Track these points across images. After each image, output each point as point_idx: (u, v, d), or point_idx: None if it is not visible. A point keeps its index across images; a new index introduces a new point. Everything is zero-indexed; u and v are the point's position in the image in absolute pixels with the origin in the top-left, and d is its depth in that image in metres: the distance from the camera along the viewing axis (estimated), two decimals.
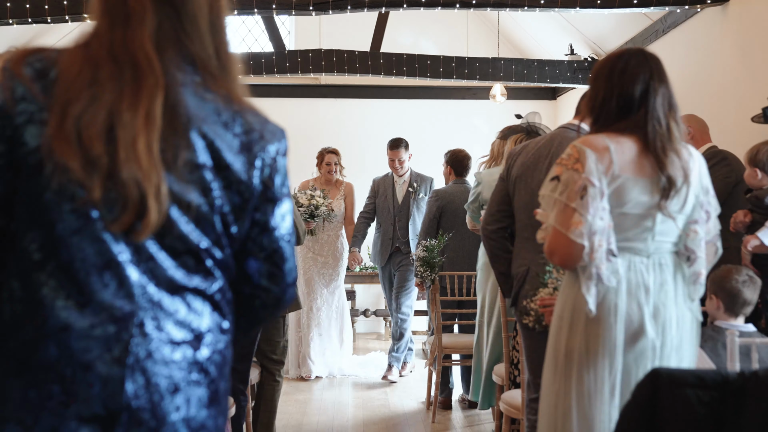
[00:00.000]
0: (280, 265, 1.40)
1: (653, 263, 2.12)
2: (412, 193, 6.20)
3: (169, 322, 1.24)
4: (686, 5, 5.28)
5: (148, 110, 1.21)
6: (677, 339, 2.13)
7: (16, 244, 1.24)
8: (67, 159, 1.18)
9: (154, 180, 1.20)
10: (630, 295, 2.08)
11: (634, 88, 2.11)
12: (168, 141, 1.23)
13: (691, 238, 2.15)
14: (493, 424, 4.90)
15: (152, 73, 1.23)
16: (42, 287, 1.20)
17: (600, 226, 2.02)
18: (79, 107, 1.19)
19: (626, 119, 2.11)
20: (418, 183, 6.20)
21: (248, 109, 1.34)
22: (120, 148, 1.19)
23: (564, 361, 2.12)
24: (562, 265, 2.14)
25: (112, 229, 1.20)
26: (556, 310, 2.21)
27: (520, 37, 8.90)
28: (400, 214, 6.20)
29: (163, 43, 1.27)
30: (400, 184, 6.25)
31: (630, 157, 2.08)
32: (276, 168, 1.35)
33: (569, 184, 2.05)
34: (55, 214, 1.20)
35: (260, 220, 1.36)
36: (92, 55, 1.24)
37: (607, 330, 2.06)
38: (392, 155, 6.19)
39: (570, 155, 2.09)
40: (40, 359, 1.19)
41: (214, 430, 1.30)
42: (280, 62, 7.02)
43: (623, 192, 2.06)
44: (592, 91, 2.20)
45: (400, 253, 6.21)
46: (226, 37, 1.36)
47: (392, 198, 6.24)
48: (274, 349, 4.03)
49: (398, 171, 6.20)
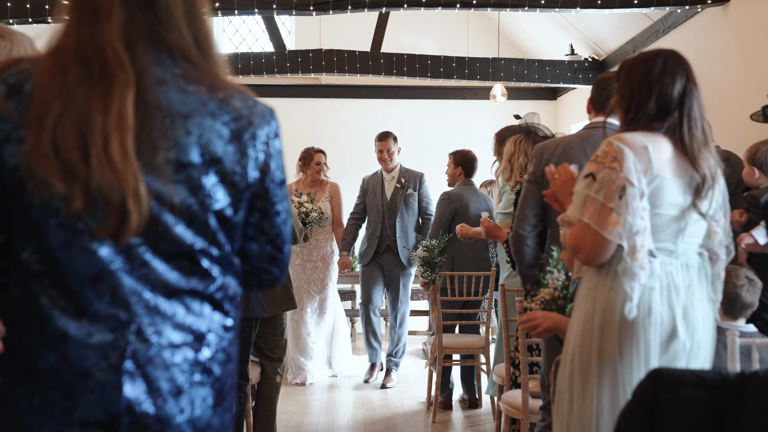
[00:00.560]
0: (281, 247, 1.41)
1: (681, 264, 2.11)
2: (400, 189, 5.99)
3: (168, 326, 1.24)
4: (687, 5, 5.28)
5: (120, 110, 1.18)
6: (704, 339, 2.13)
7: (16, 254, 1.24)
8: (47, 175, 1.17)
9: (131, 182, 1.18)
10: (662, 296, 2.07)
11: (673, 89, 2.10)
12: (147, 141, 1.20)
13: (713, 239, 2.16)
14: (493, 424, 4.90)
15: (122, 71, 1.20)
16: (41, 297, 1.21)
17: (642, 225, 2.00)
18: (52, 120, 1.18)
19: (662, 120, 2.10)
20: (406, 178, 6.00)
21: (234, 94, 1.31)
22: (92, 155, 1.17)
23: (597, 361, 2.08)
24: (585, 262, 2.10)
25: (99, 236, 1.19)
26: (580, 312, 2.16)
27: (521, 38, 8.90)
28: (389, 212, 5.99)
29: (135, 37, 1.24)
30: (389, 180, 6.05)
31: (666, 157, 2.07)
32: (270, 152, 1.33)
33: (606, 183, 2.01)
34: (43, 229, 1.20)
35: (261, 206, 1.35)
36: (61, 61, 1.22)
37: (642, 332, 2.04)
38: (381, 146, 6.02)
39: (607, 153, 2.05)
40: (42, 366, 1.20)
41: (221, 427, 1.31)
42: (280, 62, 7.02)
43: (659, 193, 2.05)
44: (626, 90, 2.16)
45: (390, 253, 6.00)
46: (204, 23, 1.32)
47: (381, 195, 6.03)
48: (273, 347, 4.03)
49: (387, 164, 6.00)
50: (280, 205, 1.38)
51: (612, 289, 2.06)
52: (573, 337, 2.17)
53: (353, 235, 6.16)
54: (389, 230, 5.95)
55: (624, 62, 2.22)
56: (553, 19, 7.62)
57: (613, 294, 2.05)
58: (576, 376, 2.13)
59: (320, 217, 5.96)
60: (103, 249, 1.20)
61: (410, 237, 5.99)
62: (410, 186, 5.98)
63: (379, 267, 6.05)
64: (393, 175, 6.03)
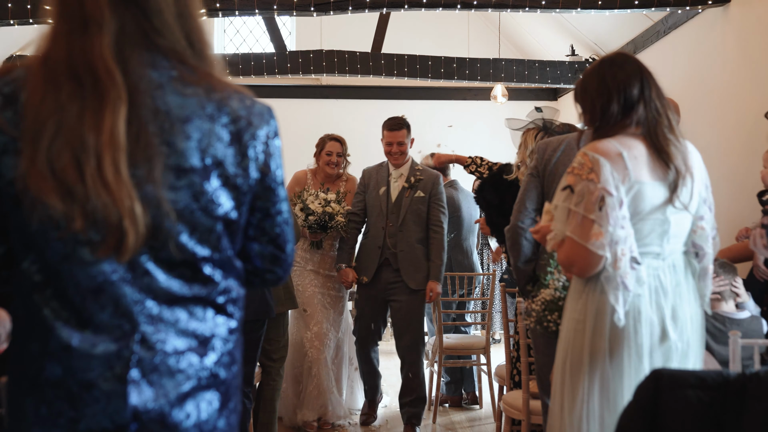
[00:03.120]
0: (283, 247, 1.41)
1: (668, 265, 2.12)
2: (408, 190, 4.69)
3: (172, 333, 1.24)
4: (687, 6, 5.28)
5: (112, 128, 1.17)
6: (693, 337, 2.15)
7: (17, 265, 1.24)
8: (46, 195, 1.16)
9: (126, 203, 1.17)
10: (651, 300, 2.08)
11: (631, 85, 2.13)
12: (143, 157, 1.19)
13: (699, 234, 2.17)
14: (493, 424, 4.90)
15: (113, 87, 1.18)
16: (43, 308, 1.21)
17: (621, 235, 2.01)
18: (47, 139, 1.16)
19: (629, 116, 2.12)
20: (416, 178, 4.71)
21: (232, 94, 1.30)
22: (87, 175, 1.16)
23: (588, 362, 2.10)
24: (580, 276, 2.12)
25: (99, 255, 1.19)
26: (572, 313, 2.18)
27: (521, 38, 8.91)
28: (392, 216, 4.69)
29: (129, 48, 1.22)
30: (396, 177, 4.75)
31: (642, 161, 2.08)
32: (270, 152, 1.33)
33: (585, 195, 2.03)
34: (43, 242, 1.20)
35: (262, 206, 1.35)
36: (53, 74, 1.20)
37: (633, 336, 2.06)
38: (390, 137, 4.72)
39: (582, 164, 2.06)
40: (47, 377, 1.20)
41: (227, 429, 1.31)
42: (281, 63, 7.02)
43: (640, 198, 2.06)
44: (586, 103, 2.20)
45: (390, 269, 4.69)
46: (197, 24, 1.31)
47: (386, 194, 4.72)
48: (275, 348, 4.03)
49: (396, 159, 4.72)
50: (281, 205, 1.38)
51: (603, 292, 2.08)
52: (565, 337, 2.19)
53: (352, 242, 4.83)
54: (388, 240, 4.68)
55: (577, 83, 2.27)
56: (554, 20, 7.62)
57: (604, 296, 2.07)
58: (567, 375, 2.16)
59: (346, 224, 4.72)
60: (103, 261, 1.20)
61: (416, 252, 4.67)
62: (420, 188, 4.71)
63: (381, 288, 4.74)
64: (402, 172, 4.75)
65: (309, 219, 4.59)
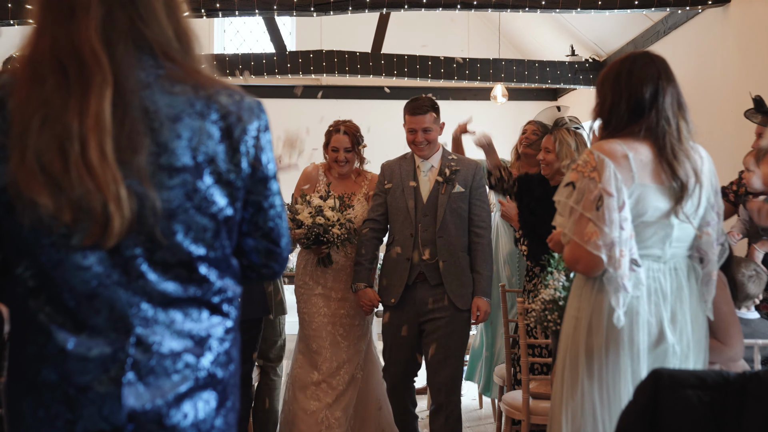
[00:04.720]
0: (277, 241, 1.40)
1: (669, 268, 2.12)
2: (443, 185, 3.71)
3: (167, 334, 1.24)
4: (687, 6, 5.28)
5: (97, 111, 1.16)
6: (694, 340, 2.14)
7: (11, 271, 1.24)
8: (36, 194, 1.16)
9: (111, 187, 1.16)
10: (649, 302, 2.08)
11: (643, 89, 2.10)
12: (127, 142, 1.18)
13: (704, 240, 2.16)
14: (494, 424, 4.89)
15: (99, 70, 1.18)
16: (38, 313, 1.21)
17: (620, 236, 2.01)
18: (34, 136, 1.16)
19: (637, 122, 2.10)
20: (451, 169, 3.73)
21: (220, 90, 1.29)
22: (71, 162, 1.15)
23: (585, 359, 2.11)
24: (585, 274, 2.12)
25: (85, 243, 1.19)
26: (570, 310, 2.19)
27: (521, 38, 8.91)
28: (425, 219, 3.69)
29: (115, 35, 1.22)
30: (425, 170, 3.77)
31: (647, 164, 2.07)
32: (260, 146, 1.33)
33: (584, 193, 2.03)
34: (36, 248, 1.20)
35: (254, 200, 1.35)
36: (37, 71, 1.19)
37: (629, 336, 2.06)
38: (412, 122, 3.73)
39: (587, 162, 2.06)
40: (44, 380, 1.21)
41: (225, 428, 1.31)
42: (281, 63, 7.02)
43: (643, 201, 2.06)
44: (600, 96, 2.19)
45: (426, 287, 3.67)
46: (183, 15, 1.31)
47: (414, 193, 3.73)
48: (271, 347, 4.03)
49: (422, 150, 3.75)
50: (274, 199, 1.38)
51: (600, 291, 2.08)
52: (565, 335, 2.20)
53: (372, 255, 3.82)
54: (422, 249, 3.67)
55: (601, 71, 2.25)
56: (554, 20, 7.62)
57: (602, 295, 2.08)
58: (567, 372, 2.17)
59: (350, 235, 3.68)
60: (97, 265, 1.20)
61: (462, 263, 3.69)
62: (459, 181, 3.73)
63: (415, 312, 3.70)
64: (432, 164, 3.78)
65: (296, 232, 3.61)
